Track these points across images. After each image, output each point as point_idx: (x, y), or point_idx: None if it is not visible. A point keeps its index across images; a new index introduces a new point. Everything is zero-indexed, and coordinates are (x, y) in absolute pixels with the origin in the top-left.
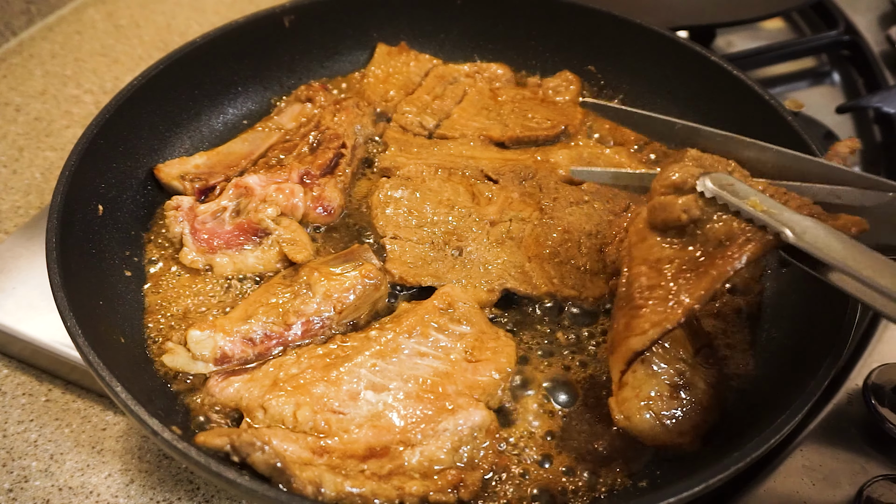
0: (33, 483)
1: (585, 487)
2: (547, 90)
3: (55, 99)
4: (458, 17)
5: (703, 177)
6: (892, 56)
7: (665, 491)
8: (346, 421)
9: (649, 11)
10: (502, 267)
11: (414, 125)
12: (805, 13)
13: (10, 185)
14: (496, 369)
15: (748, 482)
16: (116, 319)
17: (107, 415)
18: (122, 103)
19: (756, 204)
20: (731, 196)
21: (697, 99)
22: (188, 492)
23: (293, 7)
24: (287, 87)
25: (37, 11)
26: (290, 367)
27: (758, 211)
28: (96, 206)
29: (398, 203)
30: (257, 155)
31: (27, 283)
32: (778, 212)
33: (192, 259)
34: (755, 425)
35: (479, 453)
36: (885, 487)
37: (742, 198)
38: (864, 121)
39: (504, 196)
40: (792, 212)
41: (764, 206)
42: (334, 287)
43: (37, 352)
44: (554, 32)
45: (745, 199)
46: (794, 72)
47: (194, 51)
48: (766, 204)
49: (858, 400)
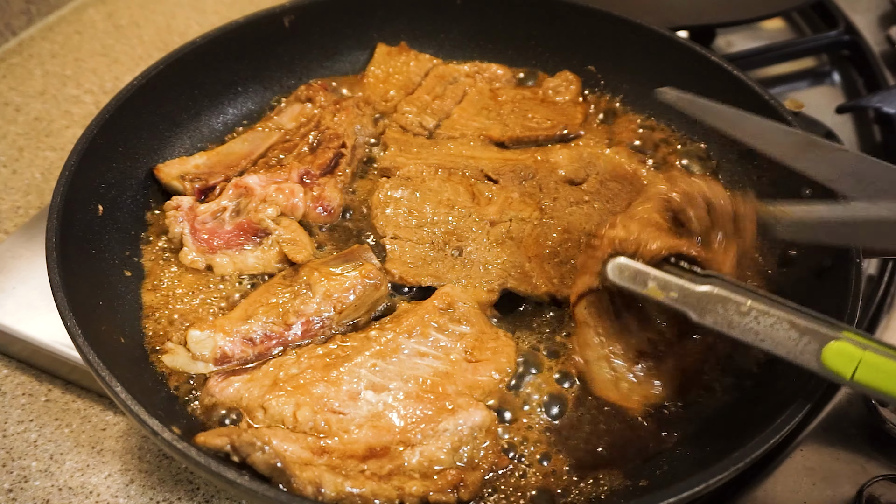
0: (33, 483)
1: (585, 487)
2: (547, 90)
3: (55, 99)
4: (458, 17)
5: (610, 260)
6: (892, 56)
7: (665, 491)
8: (346, 421)
9: (649, 11)
10: (502, 267)
11: (414, 125)
12: (805, 13)
13: (10, 185)
14: (496, 369)
15: (748, 482)
16: (116, 319)
17: (107, 415)
18: (122, 103)
19: (654, 291)
20: (631, 284)
21: None
22: (188, 492)
23: (293, 7)
24: (287, 87)
25: (37, 11)
26: (290, 367)
27: (658, 297)
28: (96, 206)
29: (398, 203)
30: (257, 155)
31: (27, 283)
32: (678, 294)
33: (192, 259)
34: (755, 425)
35: (479, 453)
36: (885, 487)
37: (640, 285)
38: (864, 121)
39: (504, 196)
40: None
41: (661, 294)
42: (334, 287)
43: (37, 352)
44: (554, 32)
45: (643, 286)
46: (794, 72)
47: (194, 51)
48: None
49: (858, 400)
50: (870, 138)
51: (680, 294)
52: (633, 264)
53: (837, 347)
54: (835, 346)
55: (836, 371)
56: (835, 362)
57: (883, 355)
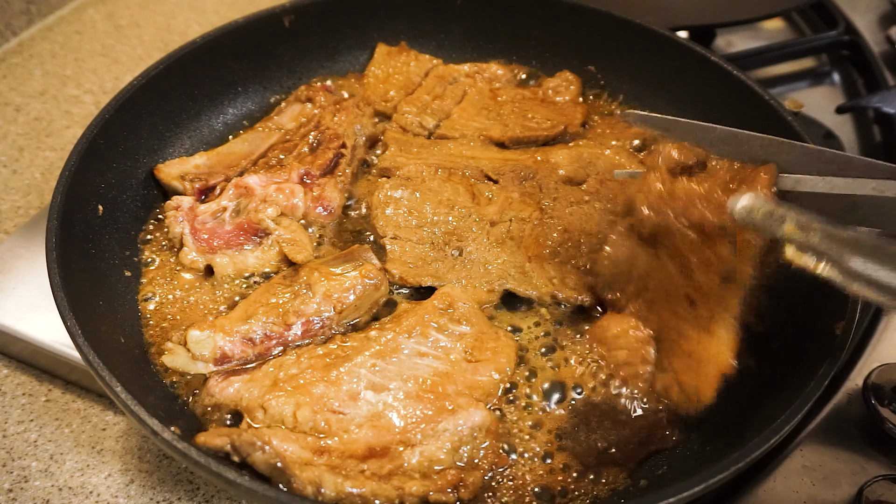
0: (33, 483)
1: (586, 486)
2: (547, 90)
3: (55, 99)
4: (458, 17)
5: (737, 199)
6: (892, 56)
7: (665, 491)
8: (346, 421)
9: (649, 11)
10: (502, 267)
11: (414, 125)
12: (805, 13)
13: (10, 185)
14: (496, 369)
15: (748, 482)
16: (116, 319)
17: (107, 415)
18: (122, 103)
19: (793, 232)
20: (765, 223)
21: (697, 99)
22: (188, 492)
23: (293, 7)
24: (287, 87)
25: (37, 11)
26: (290, 367)
27: (798, 238)
28: (96, 206)
29: (398, 203)
30: (257, 155)
31: (27, 283)
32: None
33: (192, 259)
34: (755, 425)
35: (479, 453)
36: (885, 487)
37: (777, 223)
38: (864, 121)
39: (504, 196)
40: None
41: (801, 235)
42: (334, 287)
43: (37, 352)
44: (554, 32)
45: (779, 225)
46: (794, 72)
47: (194, 51)
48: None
49: (858, 400)
50: (869, 138)
51: (823, 236)
52: (765, 202)
53: None
54: None
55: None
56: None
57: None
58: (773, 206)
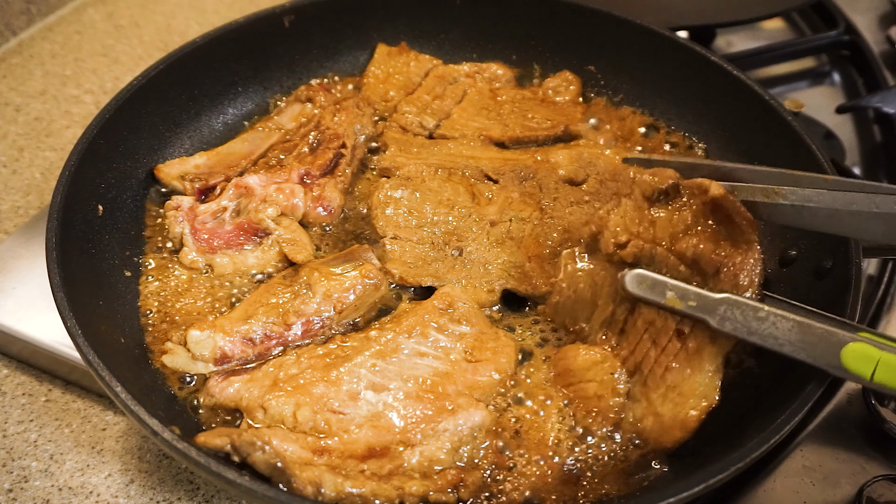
0: (33, 483)
1: (586, 486)
2: (547, 90)
3: (55, 99)
4: (458, 17)
5: (627, 272)
6: (892, 56)
7: (665, 491)
8: (346, 421)
9: (649, 11)
10: (502, 267)
11: (414, 125)
12: (805, 13)
13: (10, 185)
14: (496, 369)
15: (748, 482)
16: (116, 319)
17: (107, 415)
18: (122, 103)
19: (673, 300)
20: (650, 294)
21: (697, 99)
22: (188, 492)
23: (293, 7)
24: (287, 87)
25: (37, 11)
26: (290, 367)
27: (678, 307)
28: (96, 206)
29: (398, 203)
30: (257, 155)
31: (27, 283)
32: (696, 301)
33: (192, 259)
34: (755, 425)
35: (479, 453)
36: (885, 487)
37: (659, 295)
38: (864, 121)
39: (504, 196)
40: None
41: (680, 303)
42: (334, 287)
43: (37, 352)
44: (554, 32)
45: (661, 296)
46: (794, 72)
47: (194, 51)
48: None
49: (858, 400)
50: (869, 138)
51: (699, 302)
52: (651, 275)
53: (855, 349)
54: (853, 347)
55: (856, 372)
56: (855, 364)
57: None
58: (656, 279)
